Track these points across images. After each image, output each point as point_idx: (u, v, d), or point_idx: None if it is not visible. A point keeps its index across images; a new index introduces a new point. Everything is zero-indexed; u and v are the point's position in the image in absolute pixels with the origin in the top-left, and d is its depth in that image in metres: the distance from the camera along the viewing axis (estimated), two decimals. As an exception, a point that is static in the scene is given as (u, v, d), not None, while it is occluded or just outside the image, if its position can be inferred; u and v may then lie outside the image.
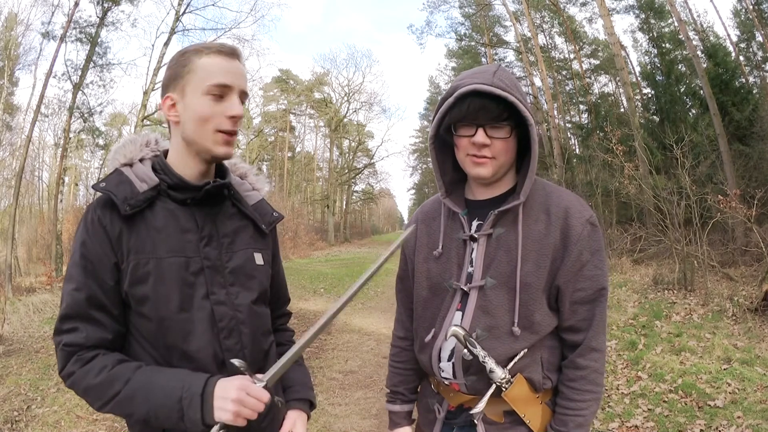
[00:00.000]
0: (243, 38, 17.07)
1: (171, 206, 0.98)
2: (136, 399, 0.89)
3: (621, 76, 13.79)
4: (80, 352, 0.92)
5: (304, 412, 1.11)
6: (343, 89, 34.32)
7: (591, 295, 1.04)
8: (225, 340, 0.98)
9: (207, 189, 0.98)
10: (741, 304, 5.56)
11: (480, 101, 0.98)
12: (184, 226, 0.97)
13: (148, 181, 0.96)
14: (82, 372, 0.91)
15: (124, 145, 1.02)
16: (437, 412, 1.13)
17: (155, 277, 0.93)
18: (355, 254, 22.83)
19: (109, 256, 0.93)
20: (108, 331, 0.94)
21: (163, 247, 0.95)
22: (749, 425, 2.92)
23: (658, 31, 15.26)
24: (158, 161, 1.01)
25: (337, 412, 3.47)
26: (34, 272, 16.69)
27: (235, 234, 1.04)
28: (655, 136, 12.28)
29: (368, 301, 8.48)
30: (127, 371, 0.91)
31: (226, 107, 0.95)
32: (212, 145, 0.96)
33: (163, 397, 0.88)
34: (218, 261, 0.99)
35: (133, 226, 0.94)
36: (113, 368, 0.91)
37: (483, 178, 1.06)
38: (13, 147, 19.49)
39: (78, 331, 0.92)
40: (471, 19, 23.19)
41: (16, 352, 5.19)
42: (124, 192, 0.94)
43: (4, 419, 3.36)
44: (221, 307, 0.98)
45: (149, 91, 15.62)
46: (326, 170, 38.34)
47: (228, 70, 0.95)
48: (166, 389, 0.89)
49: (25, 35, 16.24)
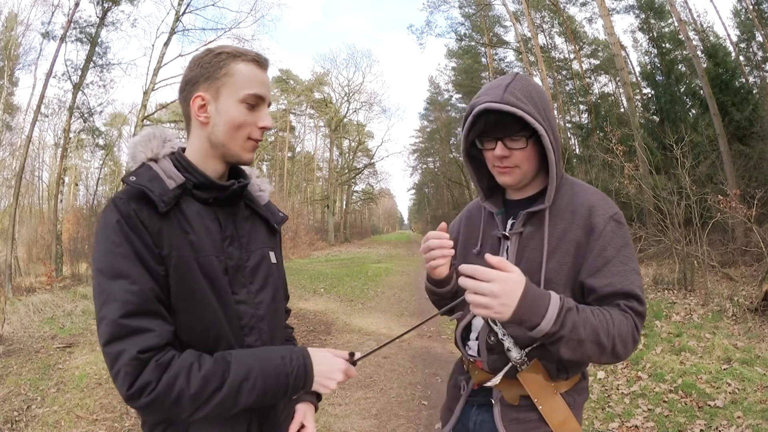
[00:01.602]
0: (243, 38, 17.07)
1: (195, 206, 0.97)
2: (241, 392, 0.87)
3: (621, 76, 13.79)
4: (157, 356, 0.82)
5: (312, 405, 1.13)
6: (343, 89, 34.37)
7: (620, 290, 1.02)
8: (246, 337, 0.99)
9: (233, 189, 1.00)
10: (741, 304, 5.56)
11: (494, 117, 1.06)
12: (209, 225, 0.97)
13: (175, 179, 0.95)
14: (168, 380, 0.81)
15: (148, 140, 0.99)
16: (462, 389, 1.22)
17: (186, 277, 0.92)
18: (355, 254, 22.85)
19: (152, 248, 0.88)
20: (171, 324, 0.88)
21: (194, 246, 0.94)
22: (749, 425, 2.92)
23: (658, 31, 15.26)
24: (179, 159, 1.00)
25: (337, 412, 3.47)
26: (34, 272, 16.68)
27: (251, 234, 1.06)
28: (655, 136, 12.28)
29: (368, 301, 8.48)
30: (217, 367, 0.86)
31: (258, 117, 0.99)
32: (241, 151, 0.99)
33: (270, 379, 0.90)
34: (240, 260, 1.01)
35: (165, 224, 0.92)
36: (201, 368, 0.84)
37: (509, 185, 1.16)
38: (13, 147, 19.49)
39: (150, 331, 0.82)
40: (471, 19, 23.19)
41: (16, 352, 5.19)
42: (158, 188, 0.92)
43: (4, 419, 3.35)
44: (242, 306, 0.99)
45: (149, 91, 15.62)
46: (326, 170, 38.35)
47: (263, 81, 0.99)
48: (269, 371, 0.90)
49: (25, 35, 16.25)
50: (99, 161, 25.97)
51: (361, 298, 8.81)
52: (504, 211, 1.21)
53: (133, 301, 0.82)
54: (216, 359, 0.88)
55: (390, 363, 4.63)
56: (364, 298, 8.80)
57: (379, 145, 43.85)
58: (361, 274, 12.94)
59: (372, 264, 16.32)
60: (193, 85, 0.97)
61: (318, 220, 38.33)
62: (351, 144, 37.36)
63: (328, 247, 28.90)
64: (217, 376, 0.85)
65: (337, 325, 6.45)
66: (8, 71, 16.19)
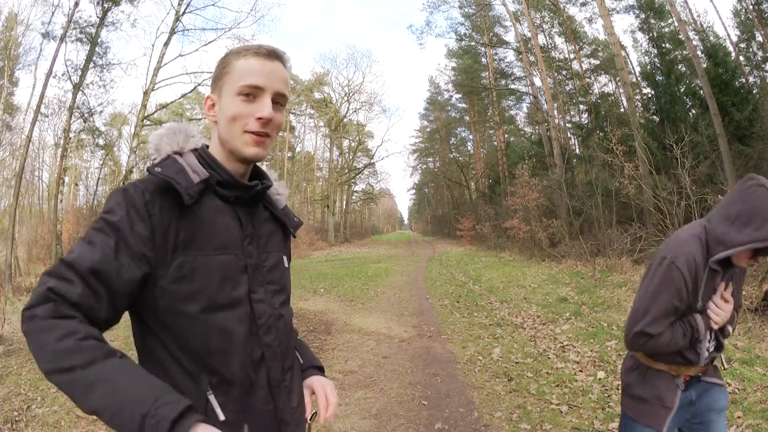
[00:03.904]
0: (243, 38, 17.05)
1: (217, 202, 0.97)
2: (94, 389, 0.74)
3: (621, 76, 13.79)
4: (62, 304, 0.80)
5: (322, 377, 1.17)
6: (343, 89, 34.39)
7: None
8: (264, 336, 0.98)
9: (257, 190, 1.01)
10: (741, 304, 5.55)
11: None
12: (230, 223, 0.97)
13: (199, 173, 0.95)
14: (48, 324, 0.78)
15: (174, 132, 1.00)
16: (678, 386, 1.52)
17: (204, 274, 0.91)
18: (355, 254, 22.85)
19: (143, 249, 0.86)
20: (101, 311, 0.83)
21: (213, 242, 0.93)
22: (749, 425, 2.92)
23: (658, 31, 15.27)
24: (203, 155, 1.00)
25: (337, 412, 3.46)
26: (34, 272, 16.71)
27: (269, 236, 1.06)
28: (655, 136, 12.28)
29: (368, 301, 8.48)
30: (97, 351, 0.78)
31: (255, 108, 0.96)
32: (241, 145, 0.97)
33: (127, 402, 0.73)
34: (258, 260, 1.01)
35: (184, 218, 0.91)
36: (84, 340, 0.78)
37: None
38: (13, 147, 19.50)
39: (74, 285, 0.81)
40: (471, 19, 23.21)
41: (16, 352, 5.19)
42: (184, 181, 0.91)
43: (4, 419, 3.36)
44: (261, 305, 0.99)
45: (149, 91, 15.62)
46: (326, 170, 38.37)
47: (261, 71, 0.96)
48: (134, 396, 0.74)
49: (25, 35, 16.27)
50: (99, 161, 26.04)
51: (361, 298, 8.81)
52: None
53: (81, 261, 0.83)
54: (103, 348, 0.79)
55: (390, 363, 4.63)
56: (364, 298, 8.80)
57: (379, 145, 43.93)
58: (361, 274, 12.95)
59: (372, 264, 16.32)
60: (209, 89, 1.03)
61: (318, 220, 38.36)
62: (351, 144, 37.38)
63: (328, 247, 28.91)
64: (87, 357, 0.76)
65: (337, 325, 6.45)
66: (8, 71, 16.20)
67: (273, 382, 0.99)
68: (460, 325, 6.21)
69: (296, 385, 1.08)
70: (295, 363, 1.11)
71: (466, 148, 34.57)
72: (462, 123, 33.65)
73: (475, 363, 4.52)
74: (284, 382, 1.02)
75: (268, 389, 0.98)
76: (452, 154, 34.44)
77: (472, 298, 8.31)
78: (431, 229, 50.95)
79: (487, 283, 10.01)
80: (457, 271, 13.29)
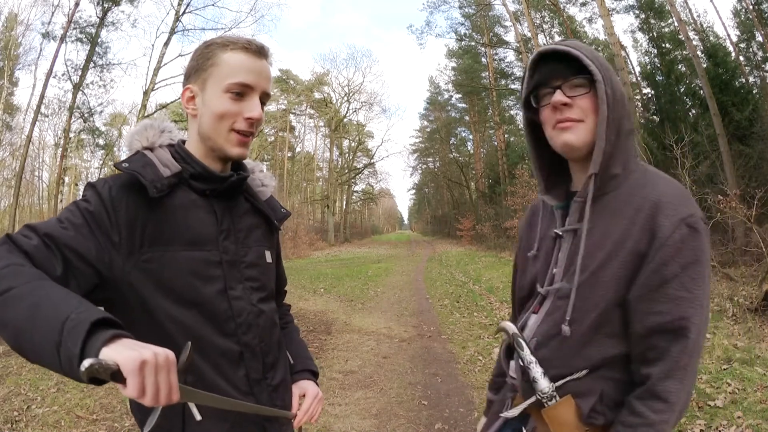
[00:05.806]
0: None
1: (192, 196, 0.94)
2: (22, 300, 0.68)
3: (621, 76, 13.78)
4: (14, 248, 0.76)
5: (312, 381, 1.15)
6: (343, 89, 34.40)
7: (670, 323, 0.81)
8: (243, 335, 0.95)
9: (232, 181, 0.97)
10: (741, 304, 5.56)
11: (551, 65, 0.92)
12: (204, 217, 0.94)
13: (170, 167, 0.92)
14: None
15: (145, 128, 0.97)
16: (506, 407, 1.06)
17: (172, 270, 0.89)
18: (355, 254, 22.84)
19: (106, 238, 0.84)
20: (56, 273, 0.78)
21: (184, 237, 0.91)
22: (749, 425, 2.92)
23: (658, 31, 15.28)
24: (178, 149, 0.97)
25: (337, 412, 3.46)
26: (34, 272, 16.66)
27: (249, 230, 1.02)
28: (655, 135, 12.29)
29: (368, 301, 8.48)
30: (34, 273, 0.73)
31: (244, 108, 0.93)
32: (225, 143, 0.94)
33: (50, 308, 0.66)
34: (236, 255, 0.97)
35: (153, 213, 0.88)
36: (23, 268, 0.73)
37: (572, 146, 0.92)
38: (13, 147, 19.52)
39: (30, 239, 0.78)
40: (471, 19, 23.23)
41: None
42: (150, 174, 0.88)
43: (4, 419, 3.35)
44: (239, 302, 0.96)
45: (149, 91, 15.63)
46: (326, 170, 38.39)
47: (251, 69, 0.93)
48: (58, 304, 0.66)
49: (25, 35, 16.30)
50: (99, 161, 26.04)
51: (361, 298, 8.81)
52: (565, 205, 0.99)
53: (43, 228, 0.80)
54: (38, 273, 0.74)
55: (390, 363, 4.63)
56: (364, 298, 8.80)
57: (379, 145, 43.92)
58: (361, 274, 12.94)
59: (372, 264, 16.32)
60: (186, 78, 0.97)
61: (318, 220, 38.37)
62: (351, 144, 37.41)
63: (328, 247, 28.91)
64: (23, 278, 0.71)
65: (337, 324, 6.45)
66: (8, 71, 16.21)
67: (253, 381, 0.97)
68: (460, 325, 6.21)
69: (282, 383, 1.04)
70: (281, 360, 1.07)
71: (466, 148, 34.62)
72: (462, 123, 33.66)
73: (475, 363, 4.52)
74: (266, 380, 1.00)
75: (249, 388, 0.96)
76: (452, 154, 34.44)
77: (472, 298, 8.31)
78: (431, 229, 50.99)
79: (487, 283, 10.01)
80: (457, 271, 13.30)
